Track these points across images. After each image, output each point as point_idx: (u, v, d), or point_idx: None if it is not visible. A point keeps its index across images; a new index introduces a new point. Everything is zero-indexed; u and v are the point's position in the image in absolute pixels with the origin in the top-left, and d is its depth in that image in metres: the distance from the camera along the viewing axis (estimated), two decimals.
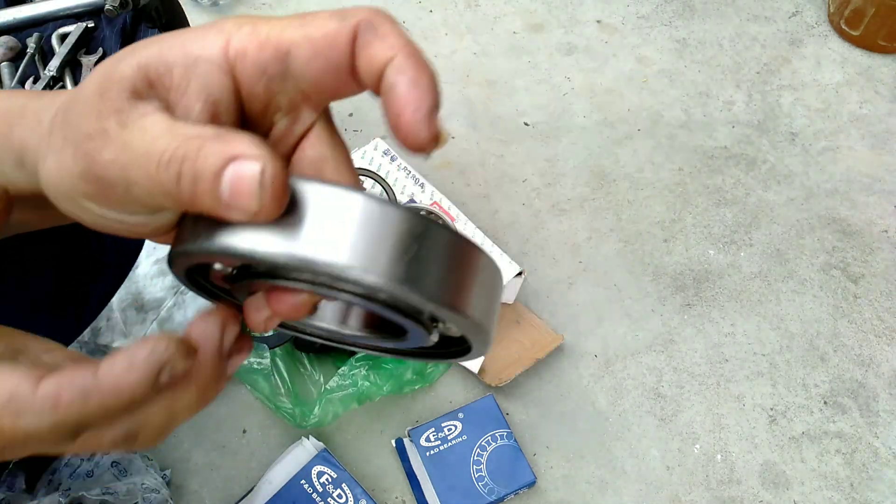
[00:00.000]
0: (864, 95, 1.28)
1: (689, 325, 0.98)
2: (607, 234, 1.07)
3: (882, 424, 0.91)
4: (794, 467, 0.87)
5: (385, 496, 0.82)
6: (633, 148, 1.18)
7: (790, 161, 1.18)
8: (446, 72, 1.27)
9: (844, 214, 1.12)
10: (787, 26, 1.39)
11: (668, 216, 1.10)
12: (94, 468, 0.71)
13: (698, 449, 0.88)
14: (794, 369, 0.95)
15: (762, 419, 0.90)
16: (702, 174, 1.16)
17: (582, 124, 1.21)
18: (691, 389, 0.92)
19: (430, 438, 0.82)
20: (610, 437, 0.88)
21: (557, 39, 1.34)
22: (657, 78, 1.29)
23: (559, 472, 0.85)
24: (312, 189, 0.23)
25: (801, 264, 1.06)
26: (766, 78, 1.30)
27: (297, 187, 0.23)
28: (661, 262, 1.04)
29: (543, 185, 1.12)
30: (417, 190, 0.95)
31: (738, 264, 1.05)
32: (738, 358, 0.96)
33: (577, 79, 1.28)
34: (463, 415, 0.84)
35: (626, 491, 0.84)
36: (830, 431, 0.90)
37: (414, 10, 1.36)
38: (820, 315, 1.00)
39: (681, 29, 1.38)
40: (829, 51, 1.35)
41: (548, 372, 0.92)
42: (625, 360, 0.94)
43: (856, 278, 1.04)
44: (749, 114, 1.25)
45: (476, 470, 0.80)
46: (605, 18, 1.39)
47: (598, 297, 1.00)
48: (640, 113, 1.24)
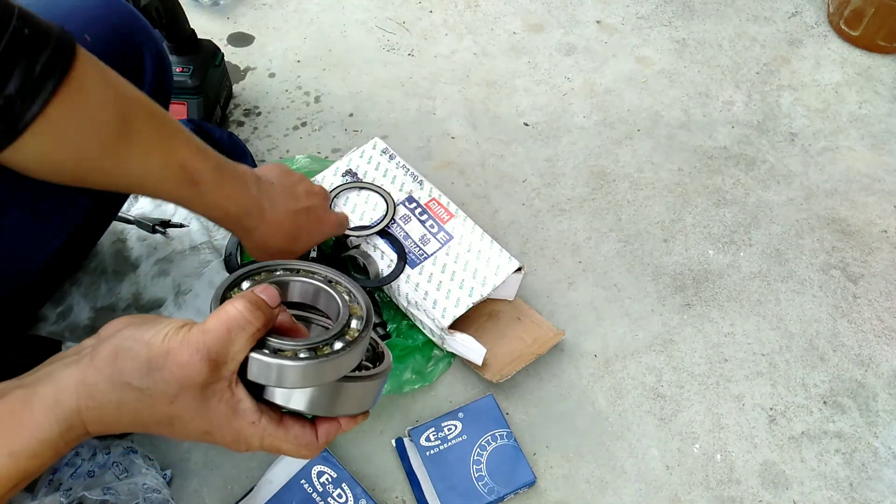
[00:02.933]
0: (863, 96, 1.28)
1: (689, 324, 0.98)
2: (607, 234, 1.07)
3: (881, 424, 0.91)
4: (793, 467, 0.87)
5: (385, 496, 0.82)
6: (632, 148, 1.19)
7: (790, 161, 1.18)
8: (446, 72, 1.27)
9: (844, 214, 1.12)
10: (787, 26, 1.39)
11: (668, 216, 1.10)
12: (95, 468, 0.71)
13: (698, 449, 0.88)
14: (793, 369, 0.95)
15: (762, 419, 0.91)
16: (701, 174, 1.16)
17: (582, 124, 1.21)
18: (691, 389, 0.93)
19: (430, 438, 0.82)
20: (610, 436, 0.88)
21: (557, 40, 1.35)
22: (657, 78, 1.30)
23: (559, 472, 0.85)
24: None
25: (801, 264, 1.06)
26: (765, 78, 1.30)
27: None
28: (661, 262, 1.05)
29: (543, 185, 1.13)
30: (416, 187, 0.95)
31: (738, 264, 1.05)
32: (738, 358, 0.96)
33: (577, 79, 1.28)
34: (463, 414, 0.84)
35: (626, 491, 0.84)
36: (830, 431, 0.90)
37: (414, 10, 1.36)
38: (819, 315, 1.00)
39: (680, 29, 1.38)
40: (828, 51, 1.35)
41: (548, 372, 0.92)
42: (624, 360, 0.95)
43: (855, 278, 1.04)
44: (749, 114, 1.25)
45: (476, 470, 0.80)
46: (604, 19, 1.39)
47: (597, 297, 1.00)
48: (640, 113, 1.24)
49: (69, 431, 0.43)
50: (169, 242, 0.92)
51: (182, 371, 0.42)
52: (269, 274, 0.51)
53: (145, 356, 0.42)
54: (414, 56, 1.29)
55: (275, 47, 1.30)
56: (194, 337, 0.42)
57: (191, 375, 0.42)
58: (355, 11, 1.37)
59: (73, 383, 0.43)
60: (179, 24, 1.05)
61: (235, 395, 0.44)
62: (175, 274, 0.90)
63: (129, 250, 0.91)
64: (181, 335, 0.43)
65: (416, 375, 0.87)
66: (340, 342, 0.46)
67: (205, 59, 1.08)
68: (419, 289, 0.87)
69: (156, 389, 0.42)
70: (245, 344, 0.43)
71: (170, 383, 0.42)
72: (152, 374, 0.42)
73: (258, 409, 0.45)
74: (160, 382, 0.42)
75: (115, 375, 0.42)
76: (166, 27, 1.02)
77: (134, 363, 0.42)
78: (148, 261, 0.90)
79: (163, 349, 0.42)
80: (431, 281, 0.87)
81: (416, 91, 1.24)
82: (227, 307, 0.43)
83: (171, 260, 0.90)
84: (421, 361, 0.88)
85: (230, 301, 0.44)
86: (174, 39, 1.05)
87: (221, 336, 0.42)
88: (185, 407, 0.43)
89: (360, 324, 0.48)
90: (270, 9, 1.37)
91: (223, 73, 1.14)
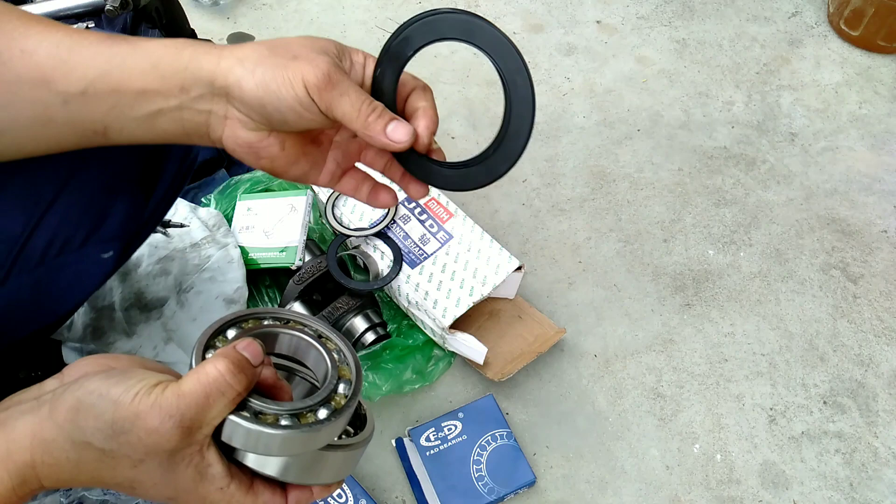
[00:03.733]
0: (863, 96, 1.28)
1: (689, 324, 0.99)
2: (607, 234, 1.07)
3: (881, 424, 0.91)
4: (793, 467, 0.87)
5: (385, 496, 0.82)
6: (632, 148, 1.19)
7: (790, 161, 1.19)
8: (446, 72, 1.27)
9: (844, 214, 1.12)
10: (787, 27, 1.39)
11: (668, 216, 1.10)
12: None
13: (698, 449, 0.88)
14: (793, 369, 0.95)
15: (762, 419, 0.91)
16: (701, 174, 1.16)
17: (582, 124, 1.21)
18: (691, 389, 0.93)
19: (430, 438, 0.82)
20: (610, 436, 0.88)
21: (557, 40, 1.35)
22: (657, 78, 1.30)
23: (559, 472, 0.85)
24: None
25: (801, 264, 1.06)
26: (765, 78, 1.30)
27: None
28: (661, 262, 1.05)
29: (543, 185, 1.13)
30: None
31: (738, 264, 1.05)
32: (738, 358, 0.96)
33: (577, 79, 1.28)
34: (463, 414, 0.84)
35: (626, 491, 0.84)
36: (830, 431, 0.90)
37: (414, 10, 1.36)
38: (819, 315, 1.00)
39: (680, 29, 1.38)
40: (828, 51, 1.35)
41: (548, 372, 0.92)
42: (624, 360, 0.95)
43: (855, 278, 1.04)
44: (748, 114, 1.25)
45: (476, 469, 0.80)
46: (604, 19, 1.39)
47: (597, 297, 1.00)
48: (640, 113, 1.24)
49: (22, 486, 0.40)
50: (170, 241, 0.92)
51: (150, 437, 0.38)
52: (257, 322, 0.47)
53: (110, 417, 0.38)
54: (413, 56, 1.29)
55: None
56: (167, 400, 0.39)
57: (160, 443, 0.39)
58: (355, 11, 1.37)
59: (29, 435, 0.40)
60: (179, 24, 1.05)
61: (205, 460, 0.41)
62: (176, 272, 0.90)
63: None
64: (153, 397, 0.39)
65: (417, 375, 0.87)
66: (326, 409, 0.43)
67: None
68: (419, 289, 0.87)
69: (119, 453, 0.39)
70: (223, 409, 0.40)
71: (136, 448, 0.39)
72: (117, 436, 0.39)
73: (228, 474, 0.42)
74: (125, 446, 0.39)
75: (75, 433, 0.39)
76: (166, 27, 1.02)
77: (97, 423, 0.39)
78: (149, 260, 0.90)
79: (131, 411, 0.38)
80: (432, 281, 0.87)
81: None
82: (208, 367, 0.40)
83: (172, 258, 0.90)
84: (421, 361, 0.88)
85: (211, 360, 0.40)
86: None
87: (198, 401, 0.39)
88: (149, 472, 0.40)
89: (347, 389, 0.45)
90: (270, 9, 1.37)
91: None
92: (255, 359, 0.42)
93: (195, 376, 0.40)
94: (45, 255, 0.56)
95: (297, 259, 0.90)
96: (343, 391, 0.45)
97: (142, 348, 0.83)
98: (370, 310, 0.89)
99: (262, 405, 0.41)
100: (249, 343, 0.43)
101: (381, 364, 0.85)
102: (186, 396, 0.39)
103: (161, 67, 0.46)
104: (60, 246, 0.56)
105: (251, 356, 0.42)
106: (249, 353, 0.42)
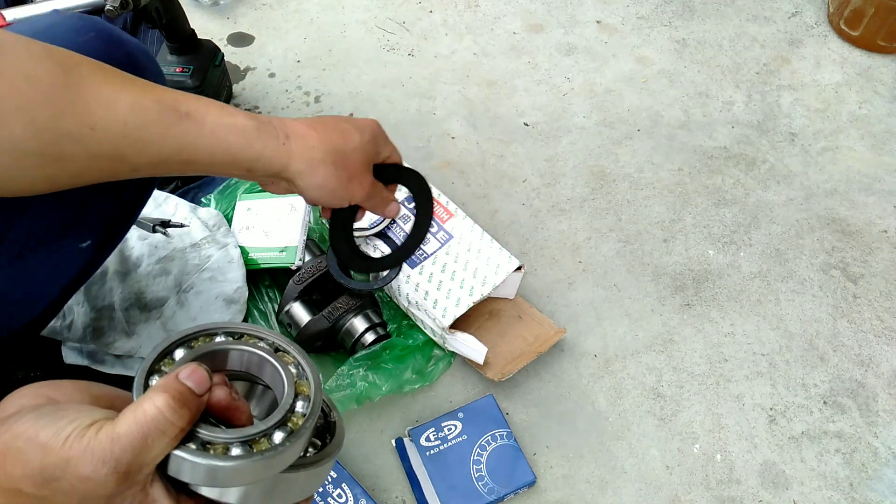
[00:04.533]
0: (863, 96, 1.28)
1: (689, 324, 0.99)
2: (607, 234, 1.07)
3: (881, 424, 0.91)
4: (793, 467, 0.87)
5: (385, 496, 0.82)
6: (632, 148, 1.19)
7: (790, 161, 1.19)
8: (446, 72, 1.27)
9: (844, 214, 1.12)
10: (787, 27, 1.39)
11: (668, 216, 1.10)
12: None
13: (698, 449, 0.88)
14: (793, 369, 0.95)
15: (762, 419, 0.91)
16: (701, 174, 1.16)
17: (582, 124, 1.21)
18: (691, 389, 0.93)
19: (430, 438, 0.82)
20: (609, 436, 0.88)
21: (557, 40, 1.35)
22: (657, 78, 1.30)
23: (559, 472, 0.85)
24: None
25: (801, 264, 1.06)
26: (765, 78, 1.30)
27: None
28: (661, 262, 1.05)
29: (543, 185, 1.13)
30: None
31: (738, 264, 1.05)
32: (738, 358, 0.96)
33: (577, 79, 1.28)
34: (463, 414, 0.84)
35: (626, 491, 0.84)
36: (830, 431, 0.90)
37: (414, 10, 1.36)
38: (819, 315, 1.00)
39: (680, 29, 1.38)
40: (828, 51, 1.35)
41: (548, 372, 0.92)
42: (624, 360, 0.95)
43: (855, 278, 1.04)
44: (748, 114, 1.25)
45: (476, 469, 0.80)
46: (604, 19, 1.39)
47: (597, 297, 1.00)
48: (640, 113, 1.24)
49: None
50: (169, 241, 0.92)
51: (84, 485, 0.35)
52: (207, 339, 0.44)
53: (38, 463, 0.35)
54: (414, 56, 1.29)
55: (275, 47, 1.30)
56: (101, 445, 0.35)
57: (94, 490, 0.36)
58: (355, 11, 1.37)
59: None
60: (179, 24, 1.05)
61: (150, 497, 0.38)
62: (176, 272, 0.90)
63: (129, 250, 0.91)
64: (85, 441, 0.35)
65: (417, 375, 0.87)
66: (281, 432, 0.40)
67: (205, 59, 1.08)
68: (419, 289, 0.87)
69: (53, 499, 0.36)
70: (164, 448, 0.37)
71: (69, 495, 0.36)
72: (48, 483, 0.36)
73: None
74: (57, 493, 0.36)
75: (3, 480, 0.36)
76: (166, 27, 1.02)
77: (25, 469, 0.36)
78: (149, 260, 0.90)
79: (61, 458, 0.35)
80: (432, 280, 0.87)
81: (416, 91, 1.24)
82: (145, 405, 0.36)
83: (172, 258, 0.90)
84: (421, 361, 0.88)
85: (149, 395, 0.37)
86: (174, 39, 1.05)
87: (134, 444, 0.36)
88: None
89: (305, 406, 0.42)
90: (270, 9, 1.37)
91: (223, 73, 1.14)
92: (199, 387, 0.39)
93: (132, 415, 0.36)
94: (23, 248, 0.57)
95: (297, 259, 0.90)
96: (301, 409, 0.41)
97: (142, 348, 0.84)
98: (370, 310, 0.89)
99: (210, 435, 0.38)
100: (193, 370, 0.39)
101: (381, 364, 0.85)
102: (122, 439, 0.36)
103: (232, 153, 0.54)
104: (38, 239, 0.58)
105: (195, 385, 0.38)
106: (193, 382, 0.38)
